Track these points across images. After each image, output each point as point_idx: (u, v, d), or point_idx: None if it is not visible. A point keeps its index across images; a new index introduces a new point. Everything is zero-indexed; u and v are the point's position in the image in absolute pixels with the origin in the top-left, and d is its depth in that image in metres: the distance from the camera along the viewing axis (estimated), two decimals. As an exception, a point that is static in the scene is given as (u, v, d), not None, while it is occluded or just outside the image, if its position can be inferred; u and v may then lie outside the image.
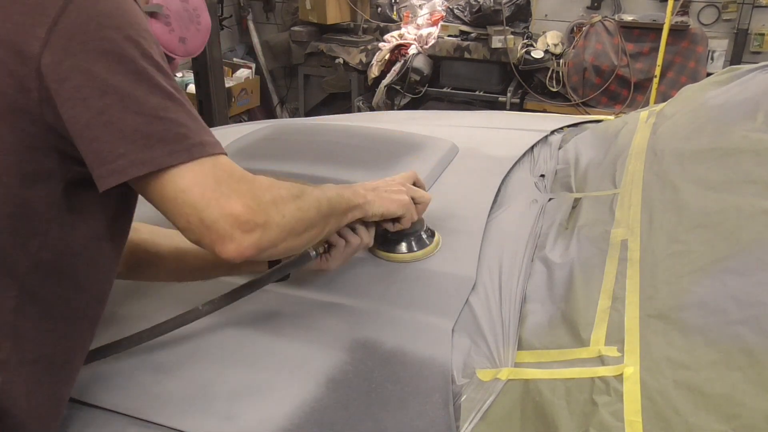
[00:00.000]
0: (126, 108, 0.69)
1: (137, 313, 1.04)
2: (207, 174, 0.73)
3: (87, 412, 0.86)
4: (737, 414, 0.72)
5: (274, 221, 0.77)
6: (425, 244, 1.17)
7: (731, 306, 0.86)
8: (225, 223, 0.73)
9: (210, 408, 0.85)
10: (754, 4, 3.69)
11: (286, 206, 0.80)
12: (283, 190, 0.81)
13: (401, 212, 1.07)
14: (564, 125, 1.89)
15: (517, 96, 4.04)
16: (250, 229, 0.75)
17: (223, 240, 0.73)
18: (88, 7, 0.69)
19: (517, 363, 0.91)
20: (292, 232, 0.81)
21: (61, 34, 0.68)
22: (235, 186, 0.74)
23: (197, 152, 0.72)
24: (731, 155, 1.19)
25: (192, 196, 0.72)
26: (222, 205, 0.72)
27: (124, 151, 0.69)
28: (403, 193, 1.08)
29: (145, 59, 0.71)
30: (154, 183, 0.71)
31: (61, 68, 0.68)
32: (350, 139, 1.73)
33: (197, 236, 0.74)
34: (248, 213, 0.74)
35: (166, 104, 0.72)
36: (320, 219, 0.88)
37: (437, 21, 4.28)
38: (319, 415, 0.82)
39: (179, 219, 0.73)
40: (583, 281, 1.04)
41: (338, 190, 0.97)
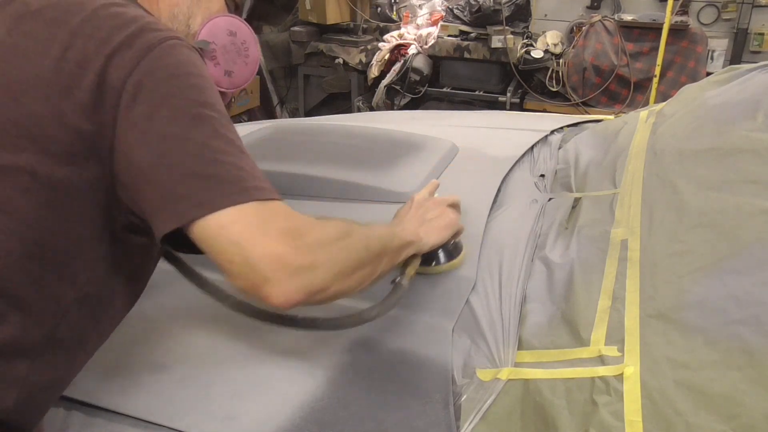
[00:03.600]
0: (185, 152, 0.70)
1: (137, 313, 1.04)
2: (253, 213, 0.71)
3: (87, 412, 0.86)
4: (737, 414, 0.72)
5: (320, 262, 0.74)
6: (460, 249, 1.14)
7: (731, 306, 0.86)
8: (269, 263, 0.70)
9: (210, 408, 0.85)
10: (753, 3, 3.69)
11: (333, 246, 0.77)
12: (330, 229, 0.79)
13: (452, 234, 1.08)
14: (564, 125, 1.89)
15: (517, 96, 4.04)
16: (296, 272, 0.71)
17: (268, 283, 0.70)
18: (161, 58, 0.72)
19: (518, 363, 0.91)
20: (342, 273, 0.78)
21: (135, 83, 0.70)
22: (280, 225, 0.72)
23: (254, 195, 0.71)
24: (731, 155, 1.19)
25: (235, 233, 0.70)
26: (265, 244, 0.70)
27: (183, 195, 0.70)
28: (447, 214, 1.07)
29: (205, 106, 0.73)
30: (200, 225, 0.70)
31: (131, 114, 0.70)
32: (350, 139, 1.73)
33: (242, 279, 0.71)
34: (294, 254, 0.71)
35: (224, 148, 0.72)
36: (371, 258, 0.84)
37: (437, 21, 4.28)
38: (319, 415, 0.82)
39: (223, 259, 0.71)
40: (583, 281, 1.04)
41: (387, 229, 0.95)
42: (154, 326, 1.01)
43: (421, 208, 1.06)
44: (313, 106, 4.77)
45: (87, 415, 0.86)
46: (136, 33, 0.73)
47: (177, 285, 1.11)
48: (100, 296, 0.79)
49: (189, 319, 1.03)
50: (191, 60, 0.75)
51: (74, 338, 0.78)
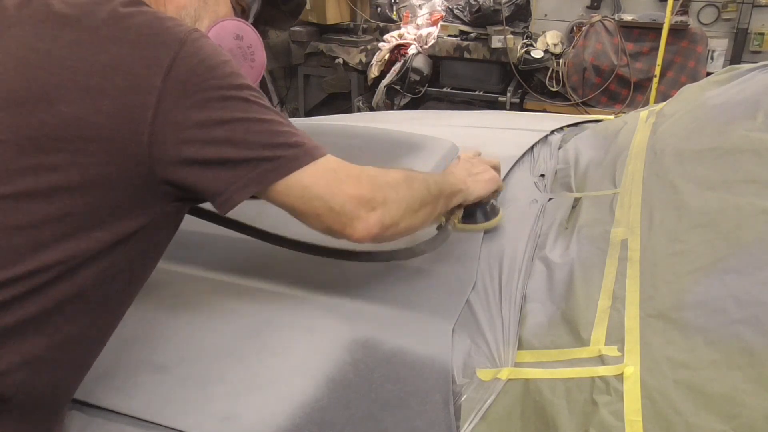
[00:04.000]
0: (248, 129, 0.77)
1: (137, 313, 1.04)
2: (324, 169, 0.82)
3: (87, 412, 0.86)
4: (737, 414, 0.72)
5: (392, 199, 0.86)
6: (497, 210, 1.23)
7: (731, 305, 0.86)
8: (351, 205, 0.82)
9: (210, 408, 0.85)
10: (753, 3, 3.69)
11: (399, 186, 0.89)
12: (394, 173, 0.91)
13: (495, 188, 1.18)
14: (564, 125, 1.89)
15: (516, 96, 4.04)
16: (374, 207, 0.84)
17: (352, 221, 0.83)
18: (193, 54, 0.76)
19: (517, 363, 0.91)
20: (409, 209, 0.90)
21: (176, 81, 0.74)
22: (351, 172, 0.84)
23: (315, 154, 0.81)
24: (731, 155, 1.19)
25: (318, 189, 0.81)
26: (345, 191, 0.82)
27: (256, 165, 0.78)
28: (490, 170, 1.18)
29: (243, 87, 0.79)
30: (281, 186, 0.79)
31: (179, 111, 0.74)
32: (350, 139, 1.73)
33: (328, 224, 0.83)
34: (370, 192, 0.84)
35: (276, 119, 0.81)
36: (431, 198, 0.96)
37: (437, 21, 4.28)
38: (319, 415, 0.82)
39: (309, 214, 0.82)
40: (583, 281, 1.04)
41: (441, 175, 1.07)
42: (154, 326, 1.01)
43: (468, 163, 1.16)
44: (313, 106, 4.77)
45: (87, 415, 0.86)
46: (162, 30, 0.76)
47: (177, 285, 1.12)
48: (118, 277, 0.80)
49: (189, 318, 1.03)
50: (217, 49, 0.80)
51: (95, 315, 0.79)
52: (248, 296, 1.08)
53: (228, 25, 0.95)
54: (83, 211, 0.74)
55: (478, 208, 1.20)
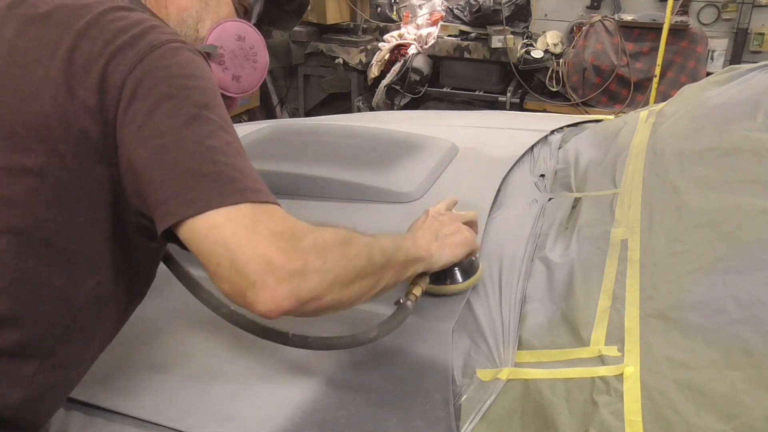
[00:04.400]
0: (181, 149, 0.69)
1: (137, 313, 1.04)
2: (245, 214, 0.68)
3: (87, 412, 0.86)
4: (737, 414, 0.72)
5: (313, 267, 0.70)
6: (476, 268, 1.07)
7: (731, 306, 0.86)
8: (257, 266, 0.66)
9: (210, 408, 0.85)
10: (753, 3, 3.69)
11: (329, 252, 0.73)
12: (327, 235, 0.75)
13: (466, 253, 1.02)
14: (564, 125, 1.89)
15: (517, 96, 4.04)
16: (286, 277, 0.68)
17: (255, 287, 0.67)
18: (162, 58, 0.72)
19: (518, 363, 0.91)
20: (337, 281, 0.73)
21: (135, 79, 0.70)
22: (272, 226, 0.69)
23: (248, 196, 0.69)
24: (731, 155, 1.19)
25: (223, 233, 0.67)
26: (254, 245, 0.67)
27: (175, 192, 0.68)
28: (463, 231, 1.01)
29: (204, 107, 0.72)
30: (190, 224, 0.68)
31: (129, 110, 0.70)
32: (350, 139, 1.73)
33: (228, 282, 0.68)
34: (283, 256, 0.67)
35: (221, 149, 0.71)
36: (372, 269, 0.80)
37: (437, 21, 4.28)
38: (319, 415, 0.82)
39: (210, 261, 0.68)
40: (583, 281, 1.04)
41: (395, 240, 0.89)
42: (155, 327, 1.01)
43: (435, 223, 1.00)
44: (313, 106, 4.77)
45: (87, 415, 0.86)
46: (139, 34, 0.74)
47: (177, 286, 1.12)
48: (109, 298, 0.79)
49: (189, 319, 1.03)
50: (194, 62, 0.75)
51: (83, 339, 0.78)
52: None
53: (230, 26, 0.94)
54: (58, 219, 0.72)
55: (453, 268, 1.03)
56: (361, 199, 1.39)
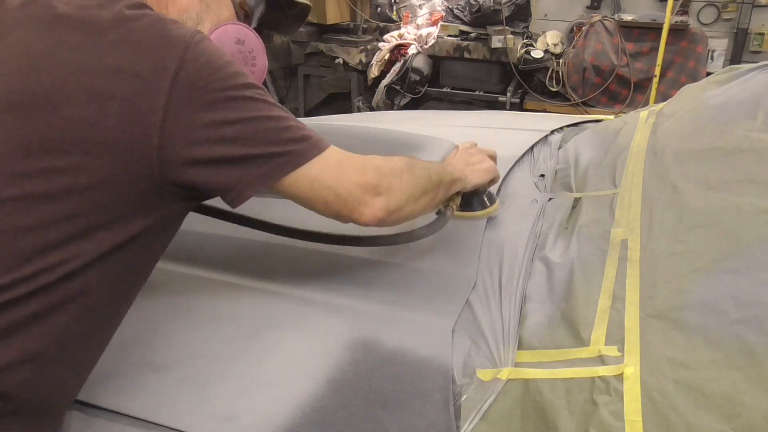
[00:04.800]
0: (256, 127, 0.80)
1: (137, 313, 1.04)
2: (331, 159, 0.86)
3: (87, 412, 0.86)
4: (737, 414, 0.72)
5: (395, 185, 0.91)
6: (494, 199, 1.28)
7: (731, 306, 0.86)
8: (357, 191, 0.87)
9: (210, 408, 0.85)
10: (753, 3, 3.69)
11: (403, 174, 0.93)
12: (397, 161, 0.95)
13: (492, 178, 1.22)
14: (564, 125, 1.89)
15: (516, 96, 4.04)
16: (379, 193, 0.89)
17: (359, 206, 0.88)
18: (198, 56, 0.77)
19: (518, 363, 0.91)
20: (412, 195, 0.94)
21: (183, 84, 0.75)
22: (356, 162, 0.88)
23: (321, 146, 0.85)
24: (731, 155, 1.19)
25: (326, 179, 0.85)
26: (351, 179, 0.87)
27: (266, 160, 0.80)
28: (488, 160, 1.22)
29: (250, 87, 0.81)
30: (290, 179, 0.82)
31: (187, 113, 0.75)
32: (350, 139, 1.72)
33: (336, 211, 0.88)
34: (374, 179, 0.88)
35: (282, 114, 0.83)
36: (432, 186, 1.01)
37: (437, 21, 4.28)
38: (319, 415, 0.82)
39: (318, 202, 0.86)
40: (583, 281, 1.04)
41: (440, 164, 1.12)
42: (154, 326, 1.01)
43: (466, 153, 1.20)
44: (313, 106, 4.77)
45: (87, 415, 0.86)
46: (166, 32, 0.76)
47: (177, 285, 1.12)
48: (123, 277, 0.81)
49: (189, 319, 1.03)
50: (219, 50, 0.81)
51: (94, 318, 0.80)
52: (248, 296, 1.08)
53: (230, 29, 0.95)
54: (90, 213, 0.74)
55: (475, 197, 1.24)
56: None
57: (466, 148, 1.24)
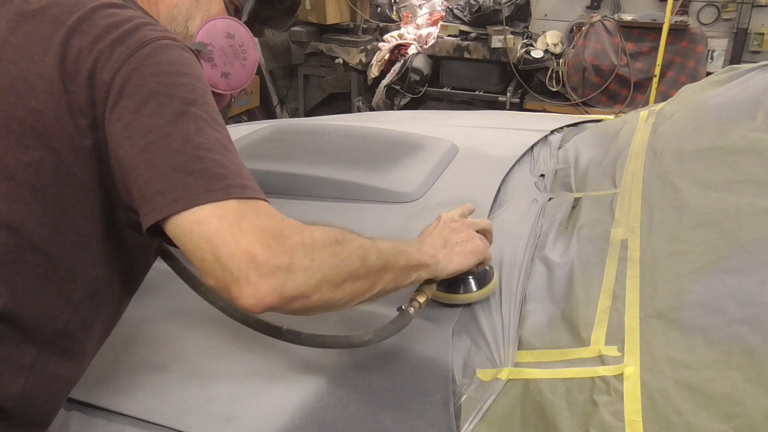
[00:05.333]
0: (167, 146, 0.69)
1: (137, 313, 1.04)
2: (230, 211, 0.68)
3: (87, 412, 0.86)
4: (737, 413, 0.72)
5: (300, 265, 0.69)
6: (490, 277, 1.03)
7: (731, 305, 0.86)
8: (240, 261, 0.66)
9: (210, 408, 0.85)
10: (753, 3, 3.69)
11: (318, 251, 0.71)
12: (318, 233, 0.73)
13: (477, 262, 0.98)
14: (564, 125, 1.89)
15: (516, 96, 4.04)
16: (270, 272, 0.67)
17: (239, 282, 0.67)
18: (151, 55, 0.72)
19: (518, 363, 0.91)
20: (326, 280, 0.72)
21: (123, 77, 0.71)
22: (258, 223, 0.68)
23: (233, 192, 0.69)
24: (731, 155, 1.19)
25: (208, 229, 0.67)
26: (238, 240, 0.66)
27: (160, 189, 0.68)
28: (475, 239, 0.98)
29: (192, 103, 0.72)
30: (175, 220, 0.68)
31: (116, 107, 0.71)
32: (350, 139, 1.73)
33: (213, 277, 0.69)
34: (267, 252, 0.67)
35: (208, 146, 0.70)
36: (368, 271, 0.78)
37: (437, 21, 4.28)
38: (319, 415, 0.82)
39: (195, 257, 0.69)
40: (583, 281, 1.04)
41: (397, 244, 0.86)
42: (154, 326, 1.01)
43: (446, 229, 0.98)
44: (313, 106, 4.77)
45: (87, 415, 0.86)
46: (129, 31, 0.74)
47: (176, 285, 1.11)
48: (107, 291, 0.80)
49: (189, 319, 1.03)
50: (184, 59, 0.75)
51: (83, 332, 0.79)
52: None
53: (219, 23, 0.95)
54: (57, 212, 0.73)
55: (466, 276, 1.00)
56: (360, 199, 1.39)
57: (449, 219, 1.00)
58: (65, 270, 0.74)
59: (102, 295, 0.80)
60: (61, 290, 0.74)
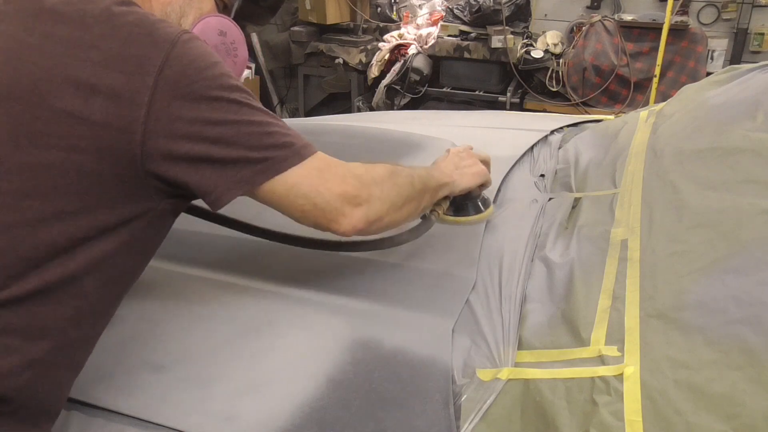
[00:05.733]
0: (237, 130, 0.79)
1: (137, 313, 1.04)
2: (311, 168, 0.84)
3: (87, 412, 0.86)
4: (737, 414, 0.72)
5: (376, 196, 0.89)
6: (488, 203, 1.25)
7: (731, 305, 0.86)
8: (336, 201, 0.85)
9: (210, 408, 0.85)
10: (753, 3, 3.69)
11: (384, 183, 0.92)
12: (379, 169, 0.93)
13: (482, 182, 1.19)
14: (564, 125, 1.89)
15: (517, 96, 4.04)
16: (358, 204, 0.87)
17: (338, 217, 0.86)
18: (184, 55, 0.77)
19: (518, 363, 0.91)
20: (393, 205, 0.93)
21: (168, 81, 0.75)
22: (335, 171, 0.86)
23: (303, 153, 0.84)
24: (731, 155, 1.19)
25: (303, 188, 0.83)
26: (330, 189, 0.85)
27: (245, 165, 0.80)
28: (479, 164, 1.19)
29: (236, 90, 0.81)
30: (267, 186, 0.82)
31: (170, 109, 0.75)
32: (350, 139, 1.73)
33: (314, 220, 0.86)
34: (354, 190, 0.87)
35: (266, 119, 0.82)
36: (415, 194, 0.99)
37: (437, 21, 4.28)
38: (319, 415, 0.82)
39: (294, 211, 0.85)
40: (583, 281, 1.04)
41: (426, 170, 1.07)
42: (154, 326, 1.01)
43: (456, 157, 1.17)
44: (313, 106, 4.77)
45: (87, 415, 0.86)
46: (153, 30, 0.77)
47: (177, 285, 1.12)
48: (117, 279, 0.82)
49: (189, 319, 1.03)
50: (207, 50, 0.81)
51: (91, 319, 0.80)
52: (248, 296, 1.08)
53: (212, 21, 0.97)
54: (79, 212, 0.75)
55: (469, 202, 1.21)
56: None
57: (458, 151, 1.21)
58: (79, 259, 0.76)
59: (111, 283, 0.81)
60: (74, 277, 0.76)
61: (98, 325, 0.83)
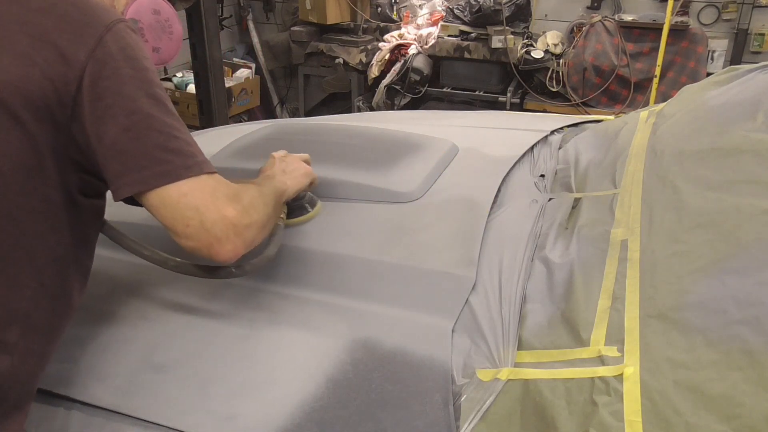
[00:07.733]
0: (150, 126, 0.80)
1: (137, 313, 1.04)
2: (206, 183, 0.83)
3: (87, 412, 0.86)
4: (737, 414, 0.72)
5: (254, 220, 0.88)
6: (315, 202, 1.30)
7: (731, 306, 0.86)
8: (222, 225, 0.82)
9: (210, 408, 0.85)
10: (754, 4, 3.69)
11: (258, 206, 0.91)
12: (252, 191, 0.93)
13: (310, 181, 1.21)
14: (564, 125, 1.89)
15: (517, 96, 4.04)
16: (241, 231, 0.85)
17: (221, 242, 0.83)
18: (118, 39, 0.80)
19: (517, 363, 0.91)
20: (264, 227, 0.93)
21: (98, 59, 0.78)
22: (224, 191, 0.84)
23: (203, 168, 0.83)
24: (731, 155, 1.19)
25: (194, 200, 0.81)
26: (219, 209, 0.82)
27: (147, 164, 0.79)
28: (303, 165, 1.21)
29: (157, 86, 0.82)
30: (161, 192, 0.80)
31: (96, 88, 0.78)
32: (350, 139, 1.73)
33: (196, 240, 0.82)
34: (239, 216, 0.84)
35: (176, 125, 0.83)
36: (272, 210, 0.99)
37: (437, 21, 4.28)
38: (319, 415, 0.82)
39: (179, 223, 0.81)
40: (583, 281, 1.04)
41: (268, 181, 1.06)
42: (154, 326, 1.01)
43: (282, 162, 1.18)
44: (313, 106, 4.77)
45: (87, 415, 0.86)
46: (89, 11, 0.80)
47: (176, 285, 1.12)
48: (69, 257, 0.84)
49: (189, 319, 1.03)
50: (139, 43, 0.84)
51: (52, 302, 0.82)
52: (248, 296, 1.08)
53: (144, 1, 1.01)
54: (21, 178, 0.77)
55: (296, 203, 1.24)
56: (361, 199, 1.39)
57: (281, 156, 1.21)
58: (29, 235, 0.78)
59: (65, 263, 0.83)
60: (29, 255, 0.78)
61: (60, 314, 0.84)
